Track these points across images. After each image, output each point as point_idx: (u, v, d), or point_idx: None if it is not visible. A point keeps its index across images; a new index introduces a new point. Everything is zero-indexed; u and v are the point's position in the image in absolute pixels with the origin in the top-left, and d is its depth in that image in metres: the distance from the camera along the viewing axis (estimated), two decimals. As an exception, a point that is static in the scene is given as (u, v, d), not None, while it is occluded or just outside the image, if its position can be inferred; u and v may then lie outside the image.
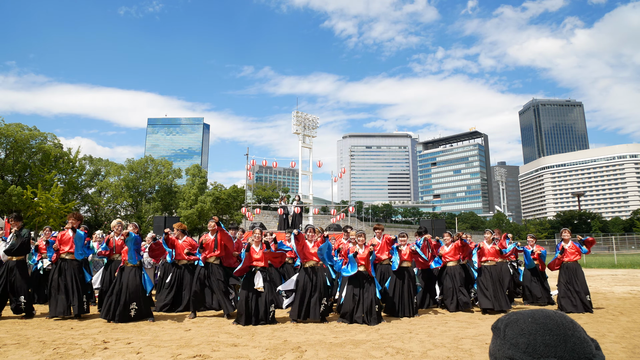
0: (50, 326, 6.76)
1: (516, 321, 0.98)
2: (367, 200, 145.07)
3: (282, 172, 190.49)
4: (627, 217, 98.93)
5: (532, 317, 0.97)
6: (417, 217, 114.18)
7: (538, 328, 0.93)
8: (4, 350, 5.13)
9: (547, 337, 0.91)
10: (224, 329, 6.64)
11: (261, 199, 73.09)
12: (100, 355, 4.94)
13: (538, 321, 0.95)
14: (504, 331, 0.98)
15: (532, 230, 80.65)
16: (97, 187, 46.88)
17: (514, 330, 0.96)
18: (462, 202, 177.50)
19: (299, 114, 21.42)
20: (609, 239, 49.93)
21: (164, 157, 70.93)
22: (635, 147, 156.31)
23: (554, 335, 0.91)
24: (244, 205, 22.45)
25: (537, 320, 0.95)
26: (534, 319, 0.96)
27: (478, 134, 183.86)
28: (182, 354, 4.97)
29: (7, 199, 31.97)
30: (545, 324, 0.94)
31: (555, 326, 0.93)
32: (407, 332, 6.45)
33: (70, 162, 38.81)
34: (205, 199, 45.72)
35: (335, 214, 22.42)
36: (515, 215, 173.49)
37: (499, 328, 1.01)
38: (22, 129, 36.50)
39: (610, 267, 24.15)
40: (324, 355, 4.98)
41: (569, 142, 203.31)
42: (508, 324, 0.99)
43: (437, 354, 5.07)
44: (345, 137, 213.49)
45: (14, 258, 7.69)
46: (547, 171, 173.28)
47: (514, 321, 0.99)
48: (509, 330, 0.97)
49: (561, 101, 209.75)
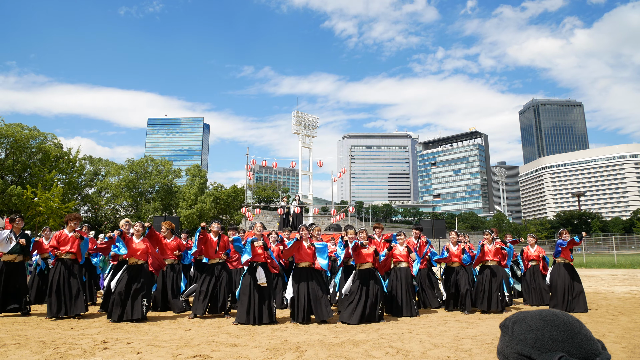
0: (50, 326, 6.76)
1: (524, 318, 1.01)
2: (367, 200, 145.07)
3: (282, 172, 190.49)
4: (627, 217, 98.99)
5: (540, 314, 1.00)
6: (417, 217, 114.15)
7: (545, 324, 0.96)
8: (4, 350, 5.13)
9: (555, 332, 0.94)
10: (224, 329, 6.64)
11: (261, 199, 73.09)
12: (100, 355, 4.94)
13: (545, 318, 0.98)
14: (512, 328, 1.01)
15: (532, 230, 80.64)
16: (97, 187, 46.86)
17: (522, 327, 0.99)
18: (462, 202, 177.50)
19: (299, 114, 21.42)
20: (609, 239, 49.93)
21: (164, 157, 70.91)
22: (635, 147, 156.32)
23: (561, 331, 0.93)
24: (244, 205, 22.43)
25: (544, 317, 0.98)
26: (541, 316, 0.99)
27: (478, 134, 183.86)
28: (182, 354, 4.97)
29: (7, 199, 31.96)
30: (552, 321, 0.96)
31: (562, 323, 0.95)
32: (407, 332, 6.45)
33: (70, 162, 38.80)
34: (205, 199, 45.72)
35: (335, 214, 22.40)
36: (515, 215, 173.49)
37: (507, 326, 1.03)
38: (22, 129, 36.50)
39: (610, 267, 24.15)
40: (324, 355, 4.98)
41: (569, 142, 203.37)
42: (516, 321, 1.02)
43: (437, 354, 5.07)
44: (345, 137, 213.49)
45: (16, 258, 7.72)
46: (547, 171, 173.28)
47: (521, 319, 1.01)
48: (517, 327, 1.00)
49: (561, 101, 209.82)
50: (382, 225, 9.28)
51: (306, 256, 7.47)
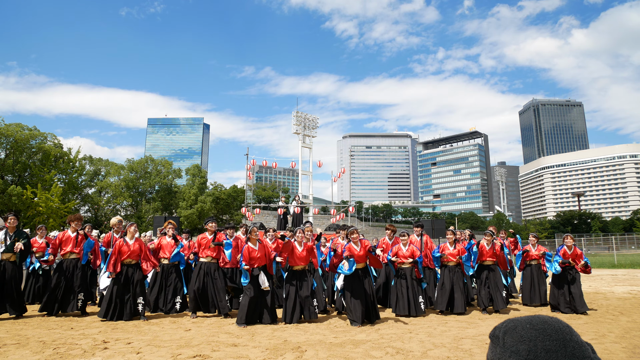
0: (50, 326, 6.76)
1: (514, 328, 0.98)
2: (367, 200, 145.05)
3: (282, 172, 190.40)
4: (627, 217, 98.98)
5: (530, 323, 0.97)
6: (417, 217, 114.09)
7: (537, 334, 0.94)
8: (4, 350, 5.12)
9: (547, 342, 0.92)
10: (224, 329, 6.64)
11: (261, 199, 73.06)
12: (100, 355, 4.93)
13: (536, 327, 0.95)
14: (503, 339, 0.98)
15: (532, 230, 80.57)
16: (97, 187, 46.84)
17: (513, 337, 0.96)
18: (462, 202, 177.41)
19: (299, 113, 21.42)
20: (609, 239, 49.90)
21: (164, 157, 70.86)
22: (635, 147, 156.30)
23: (554, 341, 0.92)
24: (244, 205, 22.43)
25: (535, 326, 0.96)
26: (532, 325, 0.96)
27: (478, 134, 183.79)
28: (182, 354, 4.96)
29: (7, 199, 31.95)
30: (544, 330, 0.94)
31: (554, 331, 0.94)
32: (407, 332, 6.44)
33: (70, 162, 38.79)
34: (205, 199, 45.71)
35: (335, 214, 22.40)
36: (515, 215, 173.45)
37: (498, 336, 1.00)
38: (22, 129, 36.49)
39: (610, 267, 24.14)
40: (324, 355, 4.97)
41: (569, 142, 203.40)
42: (506, 331, 0.99)
43: (437, 354, 5.07)
44: (345, 137, 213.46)
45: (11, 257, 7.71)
46: (547, 171, 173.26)
47: (512, 328, 0.99)
48: (508, 337, 0.97)
49: (561, 101, 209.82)
50: (394, 227, 9.19)
51: (299, 260, 7.44)
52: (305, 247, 7.54)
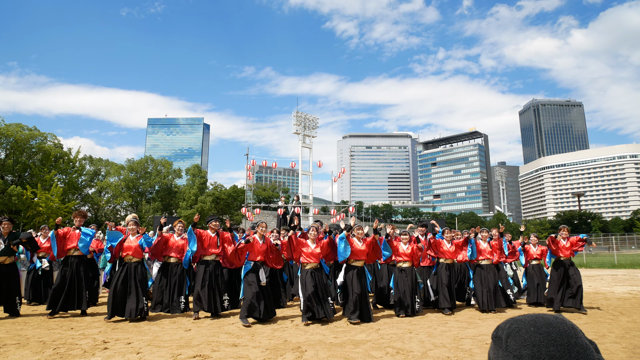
0: (50, 326, 6.76)
1: (518, 331, 0.95)
2: (367, 200, 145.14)
3: (282, 172, 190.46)
4: (627, 217, 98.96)
5: (534, 325, 0.94)
6: (417, 217, 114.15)
7: (542, 339, 0.91)
8: (4, 350, 5.12)
9: (552, 348, 0.89)
10: (224, 329, 6.63)
11: (261, 199, 73.07)
12: (100, 355, 4.93)
13: (540, 330, 0.93)
14: (506, 342, 0.95)
15: (533, 230, 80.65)
16: (97, 187, 46.87)
17: (516, 341, 0.94)
18: (462, 202, 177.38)
19: (299, 114, 21.42)
20: (609, 239, 49.87)
21: (164, 157, 70.86)
22: (635, 147, 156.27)
23: (558, 346, 0.89)
24: (244, 206, 22.44)
25: (539, 329, 0.93)
26: (536, 328, 0.94)
27: (478, 134, 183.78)
28: (182, 354, 4.96)
29: (7, 199, 31.96)
30: (548, 334, 0.92)
31: (559, 335, 0.91)
32: (407, 332, 6.44)
33: (70, 162, 38.82)
34: (205, 199, 45.73)
35: (335, 214, 22.41)
36: (515, 216, 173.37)
37: (500, 338, 0.98)
38: (22, 129, 36.50)
39: (610, 267, 24.14)
40: (324, 355, 4.97)
41: (569, 142, 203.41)
42: (510, 333, 0.96)
43: (437, 354, 5.07)
44: (345, 137, 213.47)
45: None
46: (547, 171, 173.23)
47: (515, 331, 0.96)
48: (511, 341, 0.94)
49: (561, 101, 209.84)
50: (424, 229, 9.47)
51: (311, 256, 7.46)
52: (319, 245, 7.58)
